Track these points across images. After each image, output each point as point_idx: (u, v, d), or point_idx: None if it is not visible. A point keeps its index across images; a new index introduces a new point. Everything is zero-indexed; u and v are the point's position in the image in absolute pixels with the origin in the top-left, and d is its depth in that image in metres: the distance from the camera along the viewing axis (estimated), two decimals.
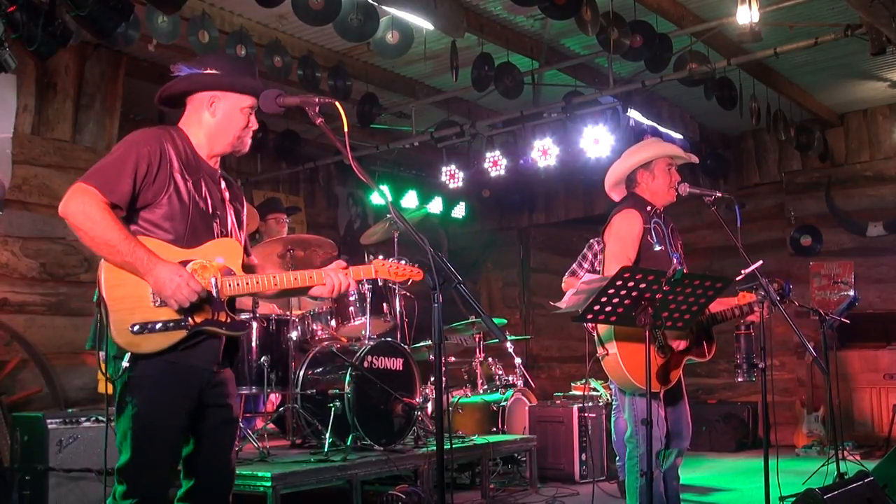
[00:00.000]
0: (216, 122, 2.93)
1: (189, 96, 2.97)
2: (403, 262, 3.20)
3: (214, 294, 2.76)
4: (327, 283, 2.96)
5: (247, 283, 2.87)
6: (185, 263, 2.73)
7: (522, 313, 11.37)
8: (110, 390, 2.74)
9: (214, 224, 2.90)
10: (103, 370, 2.69)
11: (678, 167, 4.26)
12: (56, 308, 6.75)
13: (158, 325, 2.67)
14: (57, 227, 6.52)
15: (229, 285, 2.82)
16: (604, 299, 3.45)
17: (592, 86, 7.52)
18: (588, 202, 10.68)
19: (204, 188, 2.89)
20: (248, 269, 2.98)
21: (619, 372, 3.87)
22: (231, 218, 3.00)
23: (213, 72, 2.94)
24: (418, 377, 5.66)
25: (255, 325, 5.44)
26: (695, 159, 4.38)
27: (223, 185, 3.02)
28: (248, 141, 3.03)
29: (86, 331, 3.43)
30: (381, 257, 3.19)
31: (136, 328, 2.64)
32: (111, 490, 2.72)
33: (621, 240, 4.05)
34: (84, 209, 2.62)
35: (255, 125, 3.01)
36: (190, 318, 2.72)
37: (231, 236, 2.96)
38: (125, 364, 2.65)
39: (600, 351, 3.93)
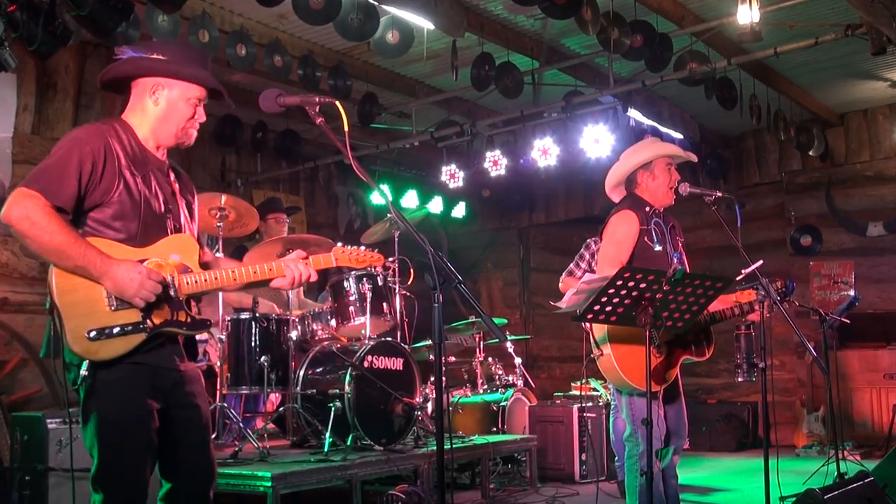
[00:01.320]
0: (160, 110, 2.79)
1: (133, 81, 2.82)
2: (363, 248, 3.14)
3: (172, 293, 2.67)
4: (287, 275, 2.90)
5: (205, 280, 2.76)
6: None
7: (522, 313, 11.36)
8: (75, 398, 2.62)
9: (167, 220, 2.79)
10: (61, 379, 2.59)
11: (678, 167, 4.26)
12: None
13: (116, 330, 2.56)
14: None
15: (187, 283, 2.72)
16: (604, 299, 3.46)
17: (592, 85, 7.52)
18: (588, 202, 10.66)
19: (154, 183, 2.77)
20: (204, 265, 2.86)
21: (615, 373, 3.87)
22: (183, 212, 2.89)
23: (159, 57, 2.80)
24: (418, 377, 5.65)
25: (254, 325, 5.45)
26: (694, 158, 4.38)
27: (172, 176, 2.89)
28: (194, 133, 2.89)
29: None
30: (339, 244, 3.12)
31: (92, 334, 2.52)
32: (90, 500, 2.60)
33: (616, 242, 4.05)
34: (27, 214, 2.48)
35: (202, 117, 2.87)
36: (149, 321, 2.62)
37: (184, 231, 2.85)
38: (83, 372, 2.53)
39: (595, 352, 3.93)
